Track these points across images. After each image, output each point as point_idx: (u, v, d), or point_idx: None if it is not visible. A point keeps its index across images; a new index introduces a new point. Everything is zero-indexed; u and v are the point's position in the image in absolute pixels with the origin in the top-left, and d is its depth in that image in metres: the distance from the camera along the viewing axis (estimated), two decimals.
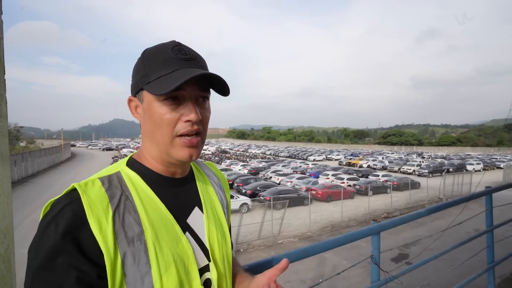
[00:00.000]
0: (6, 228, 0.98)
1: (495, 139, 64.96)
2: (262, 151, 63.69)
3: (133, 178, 0.69)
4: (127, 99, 0.73)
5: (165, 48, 0.68)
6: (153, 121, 0.67)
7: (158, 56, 0.67)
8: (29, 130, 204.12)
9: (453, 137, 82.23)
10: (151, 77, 0.66)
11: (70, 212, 0.59)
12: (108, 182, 0.66)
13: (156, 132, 0.67)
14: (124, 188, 0.66)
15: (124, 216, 0.62)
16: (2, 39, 0.96)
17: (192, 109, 0.66)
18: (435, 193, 19.23)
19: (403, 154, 53.71)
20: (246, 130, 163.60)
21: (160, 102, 0.66)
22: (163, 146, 0.68)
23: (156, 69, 0.66)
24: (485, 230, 2.66)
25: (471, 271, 2.57)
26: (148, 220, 0.64)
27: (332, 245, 1.48)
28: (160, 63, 0.66)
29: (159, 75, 0.65)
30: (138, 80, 0.69)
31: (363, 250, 9.15)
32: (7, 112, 1.00)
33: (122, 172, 0.69)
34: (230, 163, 35.30)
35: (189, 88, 0.66)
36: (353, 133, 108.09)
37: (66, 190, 0.63)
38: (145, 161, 0.73)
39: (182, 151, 0.68)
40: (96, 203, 0.60)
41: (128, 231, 0.61)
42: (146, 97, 0.68)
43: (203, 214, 0.76)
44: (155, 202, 0.67)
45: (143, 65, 0.68)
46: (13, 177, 22.71)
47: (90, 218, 0.58)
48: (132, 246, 0.60)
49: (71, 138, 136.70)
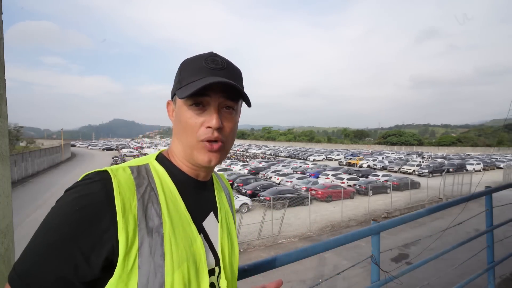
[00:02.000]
0: (6, 228, 0.98)
1: (495, 139, 64.95)
2: (262, 151, 63.67)
3: (160, 172, 0.72)
4: (166, 102, 0.79)
5: (200, 58, 0.72)
6: (181, 124, 0.72)
7: (192, 65, 0.72)
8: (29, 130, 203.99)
9: (453, 137, 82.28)
10: (183, 83, 0.71)
11: (99, 187, 0.61)
12: (137, 171, 0.69)
13: (182, 134, 0.72)
14: (150, 180, 0.69)
15: (147, 206, 0.64)
16: (2, 39, 0.96)
17: (213, 116, 0.69)
18: (435, 193, 19.23)
19: (403, 154, 53.72)
20: (246, 130, 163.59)
21: (187, 106, 0.70)
22: (187, 148, 0.72)
23: (188, 76, 0.71)
24: (485, 230, 2.66)
25: (471, 271, 2.57)
26: (168, 215, 0.66)
27: (332, 245, 1.48)
28: (192, 71, 0.71)
29: (189, 81, 0.70)
30: (174, 86, 0.74)
31: (363, 250, 9.16)
32: (7, 112, 1.00)
33: (151, 165, 0.73)
34: (230, 163, 35.29)
35: (213, 95, 0.69)
36: (353, 133, 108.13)
37: (97, 170, 0.65)
38: (173, 159, 0.76)
39: (202, 154, 0.71)
40: (125, 187, 0.63)
41: (149, 221, 0.63)
42: (178, 102, 0.73)
43: (218, 221, 0.79)
44: (176, 199, 0.70)
45: (179, 73, 0.73)
46: (13, 177, 22.71)
47: (117, 200, 0.60)
48: (151, 237, 0.62)
49: (71, 138, 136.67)
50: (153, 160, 0.75)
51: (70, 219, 0.57)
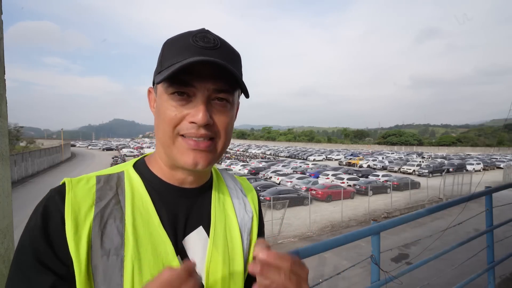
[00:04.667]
0: (6, 228, 0.98)
1: (495, 139, 64.95)
2: (262, 151, 63.68)
3: (135, 181, 0.60)
4: (147, 90, 0.64)
5: (187, 35, 0.57)
6: (158, 115, 0.58)
7: (176, 43, 0.57)
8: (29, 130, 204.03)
9: (453, 137, 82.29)
10: (164, 65, 0.56)
11: (54, 205, 0.53)
12: (105, 181, 0.58)
13: (160, 129, 0.58)
14: (119, 191, 0.58)
15: (106, 222, 0.54)
16: (2, 39, 0.96)
17: (199, 109, 0.54)
18: (435, 193, 19.22)
19: (403, 154, 53.71)
20: (246, 130, 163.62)
21: (168, 95, 0.56)
22: (166, 147, 0.58)
23: (170, 57, 0.56)
24: (485, 230, 2.66)
25: (471, 271, 2.57)
26: (133, 233, 0.54)
27: (332, 245, 1.48)
28: (176, 50, 0.56)
29: (170, 63, 0.55)
30: (154, 70, 0.60)
31: (363, 250, 9.15)
32: (7, 112, 1.00)
33: (126, 173, 0.61)
34: (230, 163, 35.30)
35: (200, 83, 0.55)
36: (353, 133, 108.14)
37: (62, 182, 0.58)
38: (154, 164, 0.63)
39: (185, 154, 0.56)
40: (80, 202, 0.54)
41: (106, 241, 0.53)
42: (158, 89, 0.58)
43: (209, 237, 0.62)
44: (149, 213, 0.57)
45: (161, 53, 0.59)
46: (13, 177, 22.70)
47: (67, 218, 0.52)
48: (106, 260, 0.52)
49: (71, 138, 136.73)
50: (130, 167, 0.63)
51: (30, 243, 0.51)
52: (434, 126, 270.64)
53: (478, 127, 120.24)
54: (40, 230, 0.51)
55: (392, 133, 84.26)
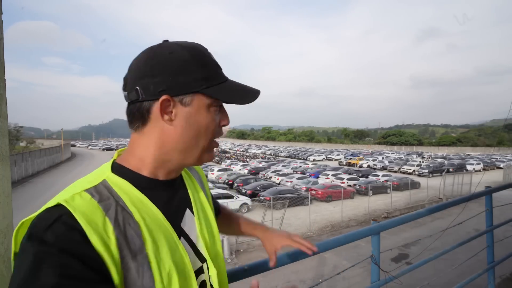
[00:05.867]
0: (6, 228, 0.98)
1: (495, 139, 64.99)
2: (262, 151, 63.67)
3: (123, 185, 0.61)
4: (162, 99, 0.60)
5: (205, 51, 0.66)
6: (198, 127, 0.64)
7: (207, 60, 0.65)
8: (29, 130, 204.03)
9: (453, 137, 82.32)
10: (212, 82, 0.63)
11: (63, 228, 0.50)
12: (97, 193, 0.57)
13: (199, 139, 0.65)
14: (116, 198, 0.58)
15: (125, 228, 0.56)
16: (2, 39, 0.96)
17: (226, 114, 0.69)
18: (435, 193, 19.23)
19: (403, 154, 53.72)
20: (246, 130, 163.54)
21: (213, 107, 0.65)
22: (198, 153, 0.66)
23: (214, 74, 0.65)
24: (485, 230, 2.66)
25: (471, 271, 2.57)
26: (147, 231, 0.59)
27: (332, 245, 1.48)
28: (211, 66, 0.65)
29: (219, 81, 0.65)
30: (191, 81, 0.61)
31: (363, 250, 9.14)
32: (7, 112, 1.00)
33: (109, 180, 0.61)
34: (230, 163, 35.29)
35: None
36: (353, 133, 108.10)
37: (45, 207, 0.53)
38: (133, 164, 0.65)
39: (211, 154, 0.70)
40: (93, 218, 0.53)
41: (131, 244, 0.56)
42: (199, 102, 0.63)
43: (194, 215, 0.73)
44: (151, 210, 0.62)
45: (196, 65, 0.62)
46: (13, 177, 22.67)
47: (91, 235, 0.51)
48: (136, 261, 0.55)
49: (71, 138, 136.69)
50: (109, 173, 0.62)
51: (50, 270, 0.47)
52: (434, 126, 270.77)
53: (478, 127, 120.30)
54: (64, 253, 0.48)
55: (392, 133, 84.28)
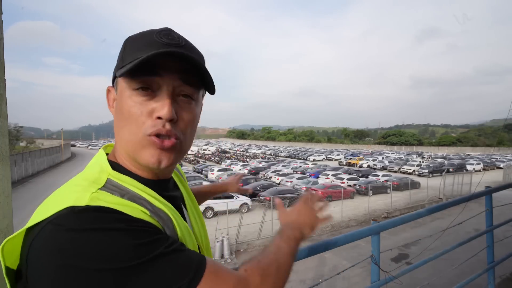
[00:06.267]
0: (6, 228, 0.98)
1: (495, 139, 64.99)
2: (262, 151, 63.66)
3: (132, 183, 0.57)
4: (106, 89, 0.61)
5: (150, 32, 0.57)
6: (122, 114, 0.55)
7: (139, 40, 0.56)
8: (29, 130, 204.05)
9: (453, 137, 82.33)
10: (126, 61, 0.55)
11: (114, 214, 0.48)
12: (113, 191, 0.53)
13: (124, 128, 0.56)
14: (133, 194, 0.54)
15: (162, 219, 0.55)
16: (2, 39, 0.96)
17: (165, 103, 0.53)
18: (435, 193, 19.23)
19: (403, 154, 53.73)
20: (246, 130, 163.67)
21: (131, 90, 0.54)
22: (130, 146, 0.56)
23: (132, 53, 0.55)
24: (485, 230, 2.66)
25: (471, 271, 2.57)
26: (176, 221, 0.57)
27: (332, 245, 1.48)
28: (139, 46, 0.55)
29: (134, 58, 0.53)
30: (115, 67, 0.58)
31: (363, 250, 9.14)
32: (7, 112, 1.00)
33: (115, 178, 0.56)
34: (230, 163, 35.29)
35: (166, 75, 0.54)
36: (353, 133, 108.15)
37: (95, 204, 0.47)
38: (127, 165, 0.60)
39: (149, 154, 0.55)
40: (131, 208, 0.50)
41: (170, 234, 0.55)
42: (120, 86, 0.57)
43: (187, 210, 0.74)
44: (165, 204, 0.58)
45: (122, 50, 0.57)
46: (13, 177, 22.70)
47: (152, 216, 0.53)
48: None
49: (71, 138, 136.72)
50: (111, 170, 0.57)
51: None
52: (434, 126, 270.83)
53: (478, 127, 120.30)
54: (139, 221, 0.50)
55: (392, 133, 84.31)
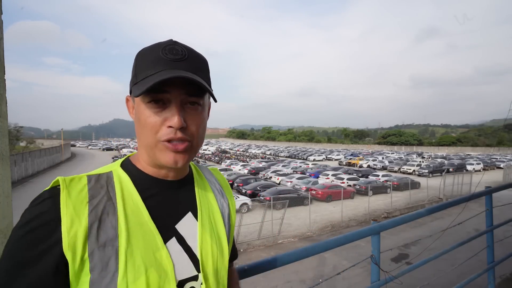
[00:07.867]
0: (6, 228, 0.98)
1: (495, 139, 65.00)
2: (262, 151, 63.68)
3: (123, 180, 0.67)
4: (125, 98, 0.72)
5: (157, 47, 0.65)
6: (140, 122, 0.65)
7: (148, 56, 0.65)
8: (29, 130, 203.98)
9: (453, 137, 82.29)
10: (138, 78, 0.64)
11: (49, 205, 0.58)
12: (95, 180, 0.64)
13: (142, 134, 0.65)
14: (110, 189, 0.64)
15: (101, 218, 0.60)
16: (2, 39, 0.96)
17: (175, 114, 0.62)
18: (435, 193, 19.23)
19: (403, 154, 53.72)
20: (246, 130, 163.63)
21: (145, 104, 0.63)
22: (149, 149, 0.66)
23: (144, 70, 0.64)
24: (485, 230, 2.66)
25: (471, 271, 2.57)
26: (125, 226, 0.61)
27: (332, 245, 1.48)
28: (148, 63, 0.64)
29: (145, 76, 0.63)
30: (131, 80, 0.67)
31: (363, 250, 9.15)
32: (7, 112, 1.00)
33: (115, 172, 0.68)
34: (230, 163, 35.30)
35: (173, 91, 0.63)
36: (353, 133, 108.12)
37: (52, 183, 0.62)
38: (138, 163, 0.71)
39: (166, 155, 0.65)
40: (75, 200, 0.59)
41: (102, 234, 0.59)
42: (136, 98, 0.66)
43: (197, 221, 0.72)
44: (139, 208, 0.64)
45: (135, 65, 0.66)
46: (13, 177, 22.70)
47: (63, 216, 0.57)
48: (102, 251, 0.58)
49: (71, 138, 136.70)
50: (118, 167, 0.69)
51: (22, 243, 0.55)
52: (434, 126, 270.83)
53: (478, 127, 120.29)
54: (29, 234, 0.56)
55: (392, 133, 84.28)
